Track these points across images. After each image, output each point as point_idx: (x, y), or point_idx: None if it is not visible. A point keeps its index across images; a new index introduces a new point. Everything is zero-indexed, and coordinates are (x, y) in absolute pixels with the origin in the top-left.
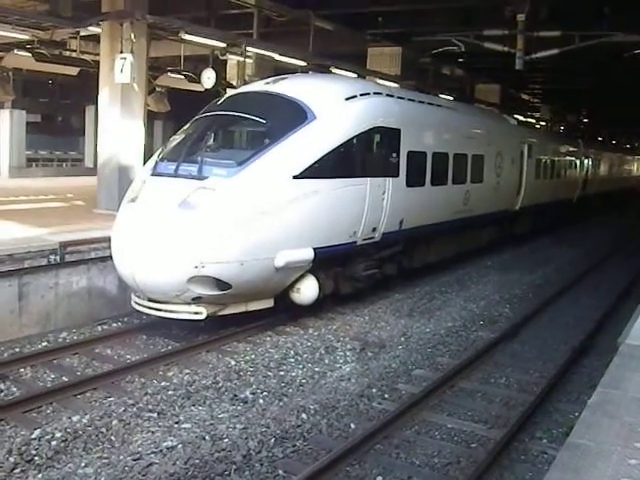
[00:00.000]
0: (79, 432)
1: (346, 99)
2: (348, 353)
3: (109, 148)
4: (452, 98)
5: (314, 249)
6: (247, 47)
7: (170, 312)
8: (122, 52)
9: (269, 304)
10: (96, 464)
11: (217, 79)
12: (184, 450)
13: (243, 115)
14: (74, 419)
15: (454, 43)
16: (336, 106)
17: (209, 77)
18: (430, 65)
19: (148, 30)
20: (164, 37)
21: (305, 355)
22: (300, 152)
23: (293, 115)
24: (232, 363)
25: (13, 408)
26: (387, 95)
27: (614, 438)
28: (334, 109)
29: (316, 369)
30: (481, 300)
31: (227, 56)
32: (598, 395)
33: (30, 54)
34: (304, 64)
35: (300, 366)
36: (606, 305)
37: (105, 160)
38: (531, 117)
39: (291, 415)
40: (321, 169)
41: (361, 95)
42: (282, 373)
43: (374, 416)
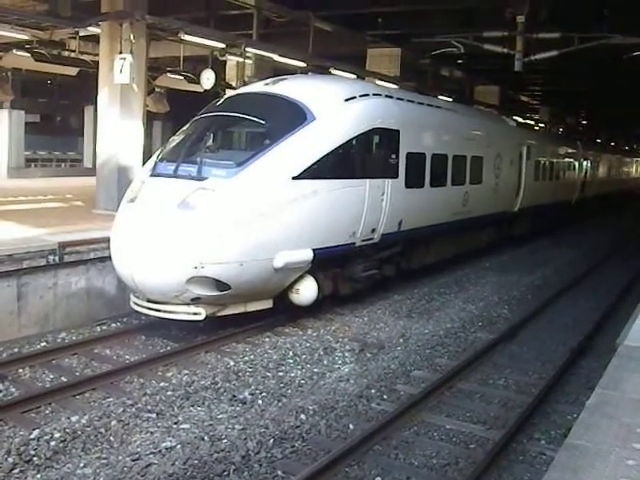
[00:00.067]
0: (78, 432)
1: (345, 100)
2: (347, 354)
3: (108, 148)
4: (451, 99)
5: (313, 250)
6: (246, 48)
7: (169, 312)
8: (121, 52)
9: (268, 305)
10: (95, 464)
11: (216, 80)
12: (183, 450)
13: (242, 116)
14: (73, 419)
15: (453, 44)
16: (335, 107)
17: (208, 78)
18: (429, 66)
19: (147, 30)
20: (163, 37)
21: (304, 356)
22: (299, 153)
23: (292, 116)
24: (231, 364)
25: (12, 408)
26: (386, 96)
27: (612, 439)
28: (333, 110)
29: (315, 370)
30: (480, 301)
31: (226, 57)
32: (596, 396)
33: (29, 54)
34: (303, 65)
35: (299, 367)
36: (604, 306)
37: (104, 160)
38: (530, 119)
39: (290, 416)
40: (320, 170)
41: (360, 96)
42: (281, 374)
43: (373, 417)
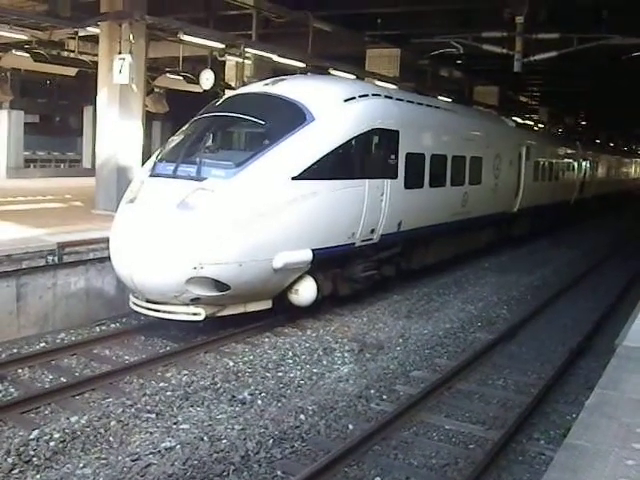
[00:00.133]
0: (77, 433)
1: (345, 100)
2: (346, 354)
3: (108, 149)
4: (450, 100)
5: (312, 250)
6: (246, 48)
7: (168, 313)
8: (121, 53)
9: (267, 305)
10: (94, 465)
11: (216, 80)
12: (182, 451)
13: (242, 116)
14: (72, 420)
15: (453, 45)
16: (335, 107)
17: (208, 78)
18: (429, 67)
19: (147, 31)
20: (163, 38)
21: (303, 356)
22: (299, 153)
23: (292, 116)
24: (230, 364)
25: (11, 409)
26: (386, 97)
27: (612, 439)
28: (333, 110)
29: (314, 370)
30: (479, 302)
31: (226, 57)
32: (596, 396)
33: (28, 54)
34: (303, 65)
35: (298, 367)
36: (604, 307)
37: (104, 161)
38: (529, 119)
39: (289, 416)
40: (320, 170)
41: (360, 97)
42: (280, 374)
43: (372, 417)
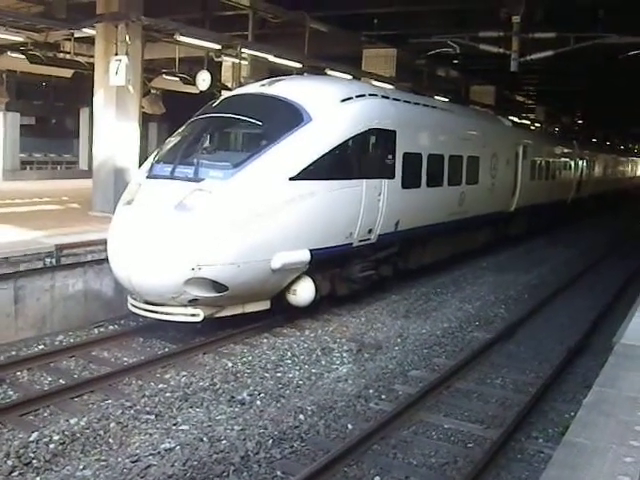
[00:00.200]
0: (77, 435)
1: (342, 101)
2: (345, 354)
3: (104, 150)
4: (447, 100)
5: (310, 251)
6: (242, 49)
7: (167, 314)
8: (117, 54)
9: (266, 306)
10: (94, 466)
11: (212, 81)
12: (182, 452)
13: (239, 117)
14: (72, 422)
15: (449, 45)
16: (332, 108)
17: (204, 79)
18: (425, 67)
19: (143, 32)
20: (159, 39)
21: (302, 356)
22: (296, 154)
23: (289, 117)
24: (229, 365)
25: (10, 411)
26: (383, 97)
27: (610, 436)
28: (330, 111)
29: (313, 370)
30: (477, 301)
31: (222, 58)
32: (594, 394)
33: (24, 56)
34: (299, 66)
35: (297, 367)
36: (601, 305)
37: (100, 162)
38: (526, 118)
39: (289, 416)
40: (317, 171)
41: (357, 97)
42: (279, 374)
43: (371, 417)
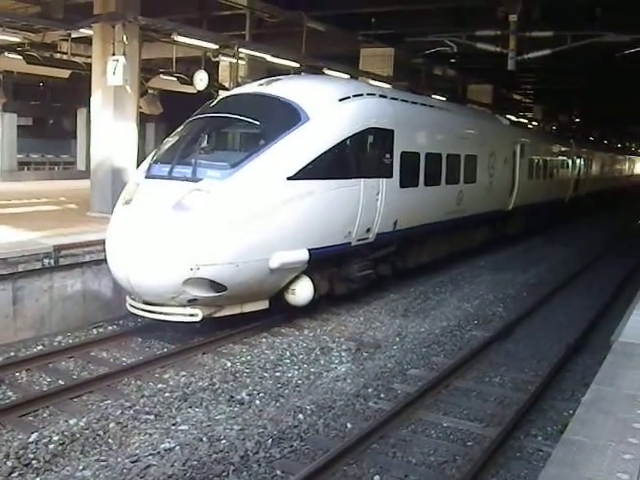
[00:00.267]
0: (76, 435)
1: (339, 100)
2: (343, 353)
3: (102, 151)
4: (445, 99)
5: (309, 250)
6: (239, 48)
7: (165, 314)
8: (114, 54)
9: (264, 305)
10: (94, 467)
11: (209, 81)
12: (182, 452)
13: (237, 117)
14: (71, 422)
15: (446, 44)
16: (329, 107)
17: (201, 79)
18: (422, 66)
19: (140, 32)
20: (156, 39)
21: (301, 356)
22: (294, 153)
23: (287, 116)
24: (228, 365)
25: (10, 412)
26: (380, 96)
27: (608, 434)
28: (327, 110)
29: (312, 370)
30: (475, 300)
31: (219, 58)
32: (592, 392)
33: (21, 57)
34: (297, 65)
35: (296, 367)
36: (599, 304)
37: (98, 163)
38: (523, 117)
39: (288, 416)
40: (315, 170)
41: (354, 96)
42: (278, 374)
43: (370, 416)
